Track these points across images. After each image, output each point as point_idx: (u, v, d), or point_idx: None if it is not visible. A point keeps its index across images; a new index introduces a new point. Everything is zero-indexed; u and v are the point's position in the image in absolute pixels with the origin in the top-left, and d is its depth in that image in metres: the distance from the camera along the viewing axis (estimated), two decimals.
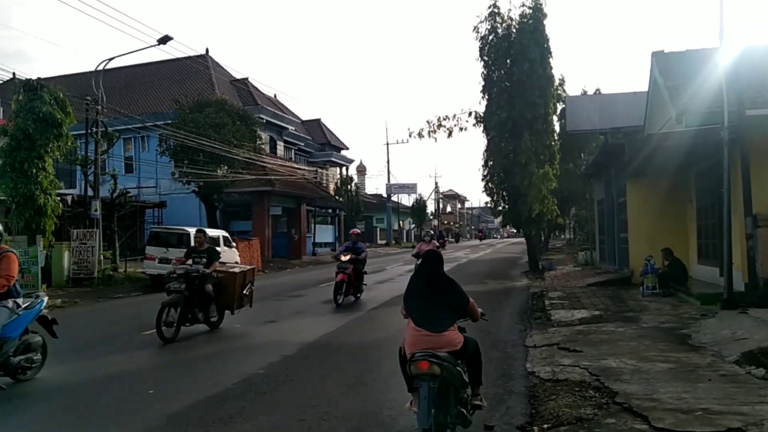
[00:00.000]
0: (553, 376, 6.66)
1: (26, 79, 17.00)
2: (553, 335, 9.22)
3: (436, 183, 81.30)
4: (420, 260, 5.41)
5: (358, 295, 14.38)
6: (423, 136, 24.55)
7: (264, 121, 35.88)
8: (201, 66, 37.52)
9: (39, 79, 17.06)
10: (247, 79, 41.40)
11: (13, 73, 26.36)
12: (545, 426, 5.09)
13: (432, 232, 17.38)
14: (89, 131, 21.00)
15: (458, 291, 4.76)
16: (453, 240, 68.66)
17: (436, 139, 24.82)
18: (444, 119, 24.05)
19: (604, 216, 22.08)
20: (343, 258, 13.69)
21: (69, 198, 22.76)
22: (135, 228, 28.17)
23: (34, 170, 15.88)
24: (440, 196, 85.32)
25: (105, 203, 22.09)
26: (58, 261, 18.75)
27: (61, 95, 16.76)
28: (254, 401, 6.08)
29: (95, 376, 7.45)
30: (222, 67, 40.95)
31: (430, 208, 74.88)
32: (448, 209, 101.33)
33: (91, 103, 20.88)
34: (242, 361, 7.99)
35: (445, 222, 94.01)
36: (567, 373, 6.68)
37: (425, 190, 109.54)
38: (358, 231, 15.23)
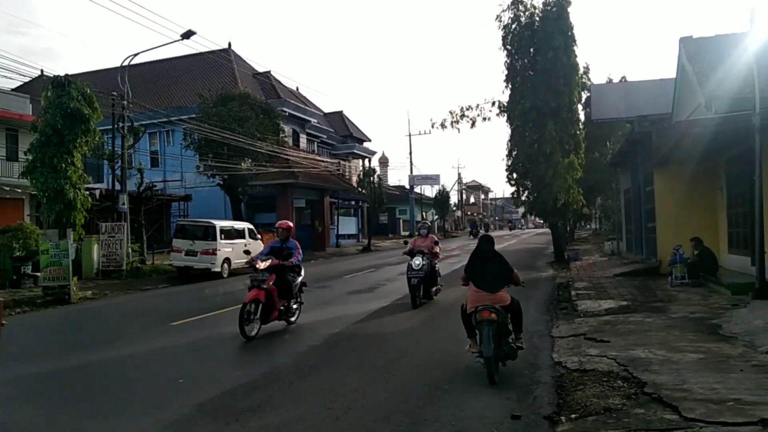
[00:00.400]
0: (580, 366, 6.62)
1: (54, 75, 17.25)
2: (579, 325, 9.15)
3: (459, 174, 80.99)
4: (477, 242, 7.14)
5: (292, 318, 9.94)
6: (446, 127, 24.41)
7: (287, 114, 36.05)
8: (224, 60, 37.80)
9: (66, 75, 17.29)
10: (269, 72, 41.59)
11: (41, 71, 26.83)
12: (573, 416, 5.06)
13: (428, 224, 13.86)
14: (116, 126, 21.32)
15: (506, 263, 6.73)
16: (483, 230, 68.52)
17: (459, 129, 24.83)
18: (467, 109, 23.88)
19: (631, 205, 21.77)
20: (260, 265, 9.15)
21: (97, 192, 23.19)
22: (161, 221, 28.60)
23: (64, 165, 16.14)
24: (463, 186, 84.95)
25: (132, 197, 22.45)
26: (88, 254, 19.14)
27: (88, 91, 16.97)
28: (282, 390, 6.15)
29: (127, 365, 7.61)
30: (244, 61, 41.23)
31: (453, 199, 74.59)
32: (472, 200, 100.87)
33: (117, 98, 21.18)
34: (269, 351, 8.08)
35: (469, 213, 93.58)
36: (594, 363, 6.62)
37: (448, 181, 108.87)
38: (289, 224, 10.14)
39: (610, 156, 27.03)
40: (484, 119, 23.81)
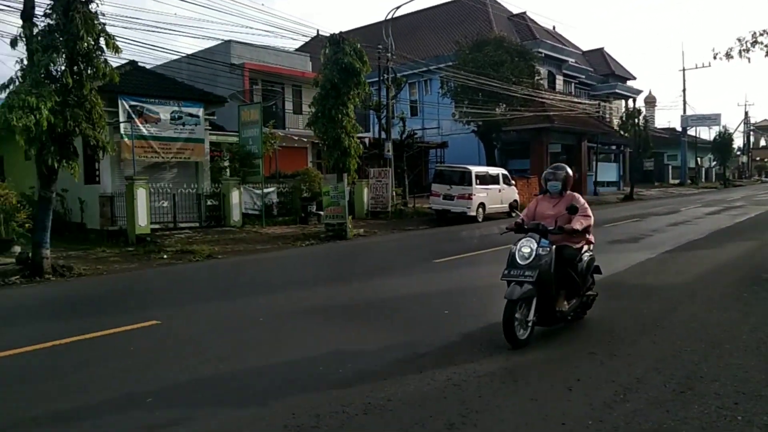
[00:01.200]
0: None
1: (330, 34, 19.01)
2: None
3: (746, 112, 70.10)
4: None
5: None
6: (732, 57, 20.77)
7: (542, 55, 34.81)
8: (479, 4, 37.70)
9: (341, 33, 18.96)
10: (524, 13, 40.42)
11: (317, 31, 29.88)
12: None
13: (565, 173, 6.27)
14: (381, 78, 22.92)
15: None
16: None
17: (749, 59, 20.89)
18: (761, 34, 20.13)
19: None
20: None
21: (366, 140, 25.43)
22: (420, 167, 30.32)
23: (340, 116, 17.90)
24: (751, 127, 73.17)
25: (395, 144, 24.15)
26: (360, 196, 21.35)
27: (358, 46, 18.42)
28: (544, 331, 6.15)
29: (399, 293, 8.41)
30: (499, 4, 40.62)
31: (738, 142, 64.76)
32: (762, 143, 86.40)
33: (382, 51, 22.66)
34: None
35: (758, 158, 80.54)
36: None
37: (731, 122, 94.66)
38: None
39: None
40: None
